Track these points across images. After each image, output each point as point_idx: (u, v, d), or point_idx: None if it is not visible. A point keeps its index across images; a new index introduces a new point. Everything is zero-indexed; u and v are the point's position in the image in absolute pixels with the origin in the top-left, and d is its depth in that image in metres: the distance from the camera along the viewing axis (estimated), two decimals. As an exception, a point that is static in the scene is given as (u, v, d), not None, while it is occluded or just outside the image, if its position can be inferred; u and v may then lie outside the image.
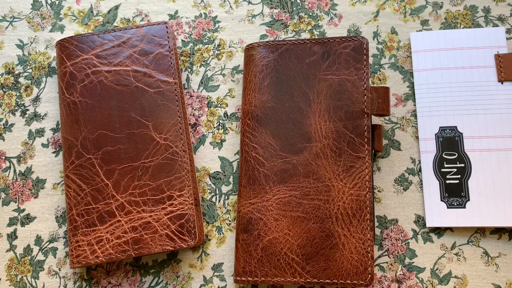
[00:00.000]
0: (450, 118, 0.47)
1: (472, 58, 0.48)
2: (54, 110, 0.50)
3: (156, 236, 0.44)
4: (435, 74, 0.48)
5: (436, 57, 0.48)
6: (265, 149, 0.44)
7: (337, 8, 0.51)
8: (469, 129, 0.46)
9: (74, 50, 0.48)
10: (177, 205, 0.44)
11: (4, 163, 0.49)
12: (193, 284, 0.46)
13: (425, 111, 0.47)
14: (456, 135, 0.46)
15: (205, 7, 0.52)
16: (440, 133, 0.47)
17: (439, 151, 0.46)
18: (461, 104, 0.47)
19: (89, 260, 0.44)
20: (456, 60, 0.48)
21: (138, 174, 0.45)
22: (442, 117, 0.47)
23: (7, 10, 0.53)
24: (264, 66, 0.46)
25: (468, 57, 0.48)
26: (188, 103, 0.50)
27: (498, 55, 0.48)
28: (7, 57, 0.52)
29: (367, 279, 0.41)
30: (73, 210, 0.45)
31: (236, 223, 0.44)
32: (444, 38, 0.49)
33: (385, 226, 0.46)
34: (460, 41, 0.49)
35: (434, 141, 0.47)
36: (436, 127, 0.47)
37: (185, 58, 0.51)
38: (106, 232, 0.44)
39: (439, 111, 0.47)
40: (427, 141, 0.47)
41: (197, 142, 0.49)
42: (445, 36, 0.49)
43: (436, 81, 0.48)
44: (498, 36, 0.48)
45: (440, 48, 0.49)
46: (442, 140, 0.46)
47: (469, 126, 0.46)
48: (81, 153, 0.46)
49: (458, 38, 0.49)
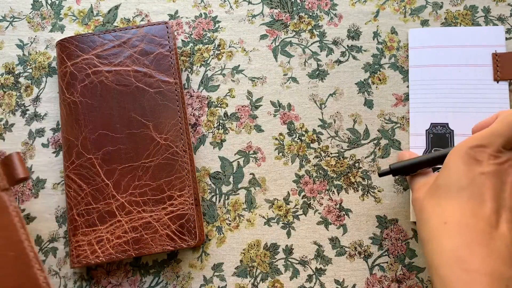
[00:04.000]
0: (442, 115, 0.47)
1: (470, 56, 0.48)
2: (54, 110, 0.50)
3: (157, 236, 0.44)
4: (430, 71, 0.48)
5: (433, 54, 0.48)
6: None
7: (337, 8, 0.51)
8: (461, 126, 0.46)
9: (74, 50, 0.48)
10: (178, 205, 0.44)
11: (4, 163, 0.49)
12: (193, 284, 0.46)
13: (418, 107, 0.47)
14: (447, 132, 0.46)
15: (205, 7, 0.52)
16: (431, 129, 0.47)
17: (429, 147, 0.46)
18: (454, 102, 0.47)
19: (89, 260, 0.44)
20: (453, 58, 0.48)
21: (139, 174, 0.45)
22: (434, 114, 0.47)
23: (7, 10, 0.53)
24: None
25: (466, 55, 0.48)
26: (188, 103, 0.50)
27: (496, 54, 0.48)
28: (7, 57, 0.52)
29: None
30: (73, 210, 0.45)
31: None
32: (442, 36, 0.49)
33: (385, 226, 0.46)
34: (459, 39, 0.49)
35: (424, 137, 0.47)
36: (428, 123, 0.47)
37: (185, 58, 0.51)
38: (106, 232, 0.44)
39: (432, 107, 0.47)
40: (418, 136, 0.47)
41: (197, 142, 0.49)
42: (444, 33, 0.49)
43: (431, 77, 0.48)
44: (497, 35, 0.48)
45: (438, 45, 0.49)
46: (432, 136, 0.47)
47: (461, 123, 0.46)
48: (82, 153, 0.46)
49: (457, 36, 0.49)
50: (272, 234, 0.47)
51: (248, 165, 0.48)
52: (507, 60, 0.47)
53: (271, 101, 0.49)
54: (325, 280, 0.45)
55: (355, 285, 0.45)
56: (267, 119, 0.49)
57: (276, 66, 0.50)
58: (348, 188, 0.47)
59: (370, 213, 0.46)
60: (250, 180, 0.48)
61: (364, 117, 0.48)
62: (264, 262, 0.46)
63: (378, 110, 0.48)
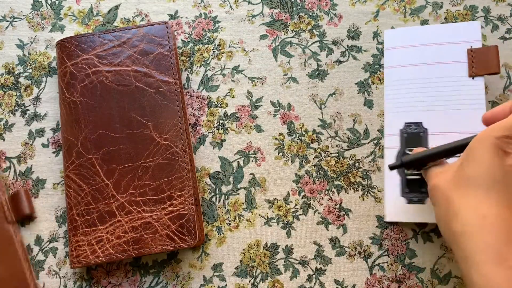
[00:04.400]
0: (417, 114, 0.46)
1: (445, 54, 0.47)
2: (54, 110, 0.50)
3: (156, 236, 0.44)
4: (405, 71, 0.48)
5: (408, 54, 0.48)
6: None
7: (337, 8, 0.51)
8: (435, 125, 0.46)
9: (74, 50, 0.48)
10: (177, 205, 0.44)
11: (4, 163, 0.49)
12: (193, 284, 0.46)
13: (392, 107, 0.47)
14: (421, 131, 0.46)
15: (205, 7, 0.52)
16: (405, 128, 0.46)
17: (402, 147, 0.46)
18: (429, 100, 0.47)
19: (89, 260, 0.44)
20: (429, 56, 0.47)
21: (139, 174, 0.45)
22: (409, 113, 0.47)
23: (7, 10, 0.53)
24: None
25: (441, 53, 0.47)
26: (188, 103, 0.50)
27: (471, 49, 0.47)
28: (7, 57, 0.52)
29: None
30: (73, 210, 0.45)
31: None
32: (418, 34, 0.48)
33: (385, 226, 0.46)
34: (435, 36, 0.48)
35: (399, 136, 0.46)
36: (402, 123, 0.47)
37: (185, 58, 0.51)
38: (106, 232, 0.44)
39: (406, 107, 0.47)
40: (392, 136, 0.47)
41: (197, 142, 0.49)
42: (419, 32, 0.48)
43: (406, 77, 0.47)
44: (473, 30, 0.47)
45: (414, 44, 0.48)
46: (406, 135, 0.46)
47: (435, 122, 0.46)
48: (82, 153, 0.46)
49: (433, 34, 0.48)
50: (272, 234, 0.47)
51: (248, 165, 0.48)
52: (482, 55, 0.46)
53: (271, 101, 0.49)
54: (325, 280, 0.45)
55: (355, 285, 0.45)
56: (267, 119, 0.49)
57: (276, 66, 0.50)
58: (348, 188, 0.47)
59: (370, 213, 0.46)
60: (250, 180, 0.48)
61: (364, 117, 0.48)
62: (264, 262, 0.46)
63: (378, 110, 0.48)
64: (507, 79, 0.48)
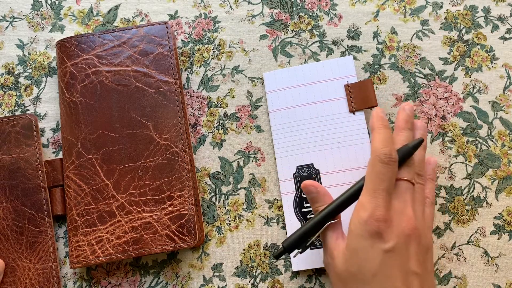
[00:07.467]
0: (307, 156, 0.46)
1: (324, 92, 0.47)
2: (54, 110, 0.50)
3: (156, 236, 0.44)
4: (289, 113, 0.47)
5: (289, 95, 0.47)
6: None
7: (337, 8, 0.51)
8: (325, 165, 0.45)
9: (74, 50, 0.48)
10: (177, 205, 0.44)
11: (4, 163, 0.49)
12: (193, 284, 0.46)
13: (282, 152, 0.47)
14: (313, 173, 0.46)
15: (205, 7, 0.52)
16: (297, 172, 0.46)
17: (298, 191, 0.46)
18: (316, 140, 0.46)
19: (89, 260, 0.44)
20: (309, 96, 0.47)
21: (138, 174, 0.45)
22: (298, 156, 0.46)
23: (7, 10, 0.53)
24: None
25: (321, 91, 0.47)
26: (188, 103, 0.50)
27: (348, 85, 0.47)
28: (7, 57, 0.52)
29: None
30: (73, 210, 0.45)
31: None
32: (297, 74, 0.48)
33: (385, 226, 0.46)
34: (312, 75, 0.47)
35: (293, 181, 0.46)
36: (294, 166, 0.46)
37: (185, 58, 0.51)
38: (106, 232, 0.44)
39: (296, 150, 0.46)
40: (287, 182, 0.46)
41: (197, 142, 0.49)
42: (298, 72, 0.48)
43: (291, 119, 0.47)
44: (347, 65, 0.47)
45: (293, 85, 0.48)
46: (300, 179, 0.46)
47: (325, 162, 0.45)
48: (81, 153, 0.46)
49: (311, 72, 0.48)
50: (272, 234, 0.47)
51: (248, 165, 0.48)
52: (358, 89, 0.46)
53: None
54: (325, 280, 0.45)
55: (355, 285, 0.45)
56: (267, 119, 0.49)
57: (276, 66, 0.50)
58: (348, 188, 0.47)
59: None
60: (250, 180, 0.48)
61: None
62: (264, 262, 0.46)
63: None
64: (507, 79, 0.48)
